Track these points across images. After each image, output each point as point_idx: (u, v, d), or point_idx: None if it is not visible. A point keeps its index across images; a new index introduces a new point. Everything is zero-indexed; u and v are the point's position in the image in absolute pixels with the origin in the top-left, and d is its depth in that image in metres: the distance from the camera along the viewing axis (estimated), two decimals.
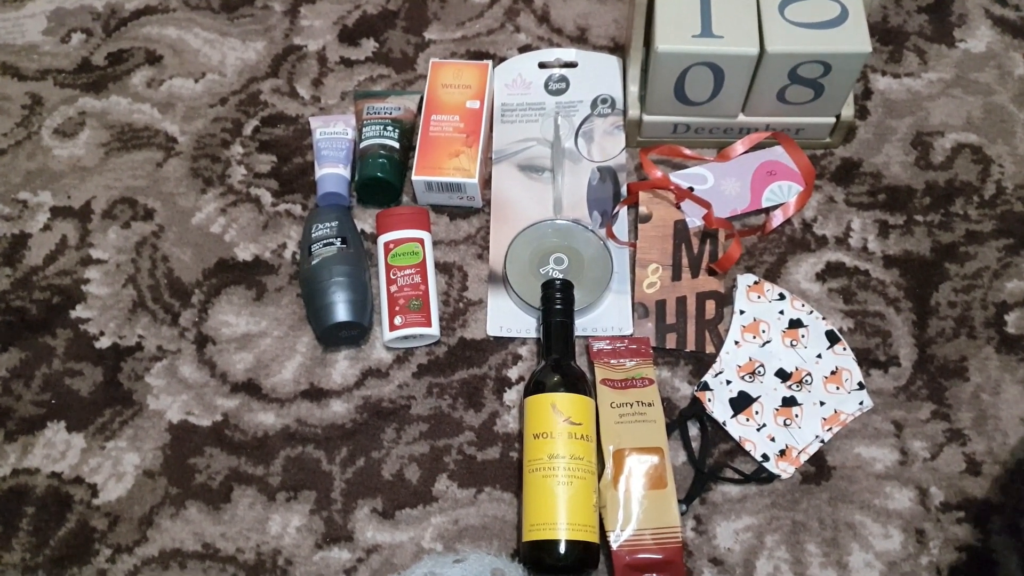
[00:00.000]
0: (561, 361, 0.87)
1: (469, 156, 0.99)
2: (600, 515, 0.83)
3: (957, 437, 0.90)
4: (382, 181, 1.00)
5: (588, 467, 0.82)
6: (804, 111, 0.99)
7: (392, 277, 0.94)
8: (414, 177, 0.99)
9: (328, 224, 0.96)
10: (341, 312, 0.91)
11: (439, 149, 1.00)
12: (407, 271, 0.95)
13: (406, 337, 0.93)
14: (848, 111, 1.00)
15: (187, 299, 0.99)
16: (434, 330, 0.93)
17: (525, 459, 0.84)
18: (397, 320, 0.92)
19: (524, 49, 1.13)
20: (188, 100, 1.11)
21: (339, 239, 0.95)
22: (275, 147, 1.08)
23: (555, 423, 0.83)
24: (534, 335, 0.95)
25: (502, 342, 0.96)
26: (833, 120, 1.01)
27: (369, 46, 1.14)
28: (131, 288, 1.00)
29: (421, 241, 0.96)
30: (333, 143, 1.03)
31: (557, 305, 0.90)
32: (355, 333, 0.93)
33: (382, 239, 0.97)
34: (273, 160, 1.07)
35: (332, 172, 1.01)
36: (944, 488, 0.87)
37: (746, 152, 1.03)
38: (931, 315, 0.95)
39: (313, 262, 0.94)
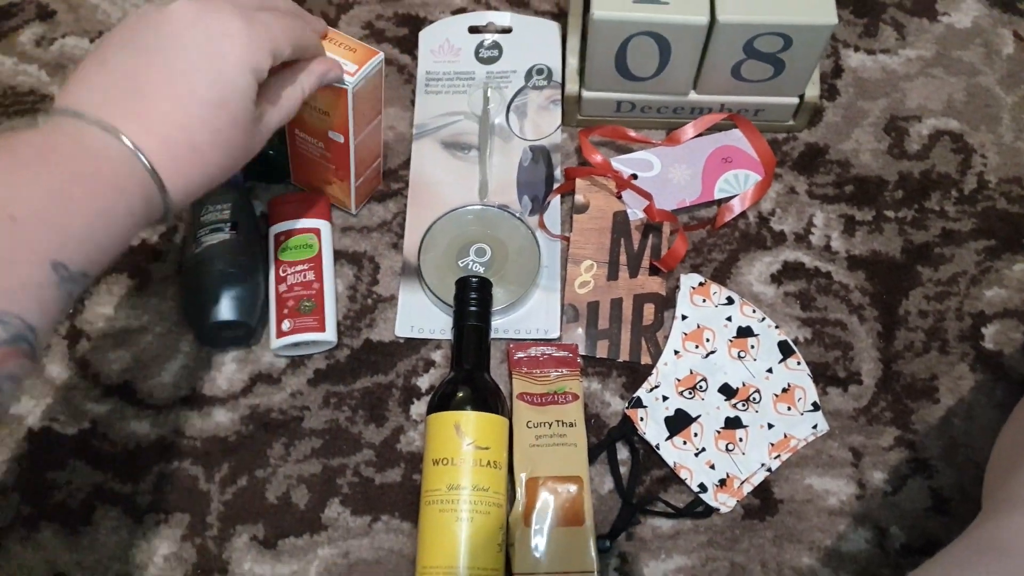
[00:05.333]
0: (473, 372, 0.77)
1: (342, 189, 0.87)
2: (508, 553, 0.73)
3: (923, 469, 0.81)
4: (266, 156, 0.87)
5: (494, 499, 0.72)
6: (763, 90, 0.89)
7: (282, 275, 0.83)
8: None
9: (219, 207, 0.85)
10: (223, 310, 0.80)
11: (311, 168, 0.87)
12: (299, 267, 0.83)
13: (296, 344, 0.81)
14: (813, 91, 0.90)
15: None
16: (329, 335, 0.82)
17: (423, 488, 0.74)
18: (285, 325, 0.81)
19: (458, 13, 1.02)
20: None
21: (229, 224, 0.83)
22: None
23: (458, 447, 0.73)
24: (450, 337, 0.84)
25: (414, 345, 0.85)
26: (796, 100, 0.91)
27: None
28: None
29: (317, 232, 0.85)
30: None
31: (471, 307, 0.80)
32: (241, 333, 0.82)
33: (273, 231, 0.85)
34: None
35: None
36: (906, 528, 0.78)
37: (699, 135, 0.92)
38: (899, 326, 0.86)
39: (197, 250, 0.82)
